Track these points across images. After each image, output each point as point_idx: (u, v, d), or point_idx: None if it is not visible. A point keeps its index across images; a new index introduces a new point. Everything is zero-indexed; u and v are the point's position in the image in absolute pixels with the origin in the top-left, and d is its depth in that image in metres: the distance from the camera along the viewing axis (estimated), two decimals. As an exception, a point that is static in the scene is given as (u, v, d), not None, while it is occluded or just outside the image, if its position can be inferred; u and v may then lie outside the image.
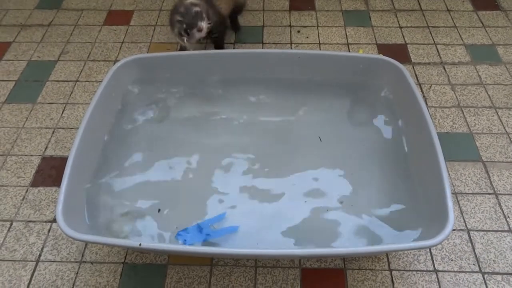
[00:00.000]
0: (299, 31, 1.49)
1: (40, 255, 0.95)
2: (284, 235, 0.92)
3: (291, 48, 1.42)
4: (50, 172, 1.10)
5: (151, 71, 1.13)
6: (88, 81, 1.33)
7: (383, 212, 0.94)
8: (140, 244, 0.75)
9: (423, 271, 0.92)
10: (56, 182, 1.08)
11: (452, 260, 0.94)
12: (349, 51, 1.40)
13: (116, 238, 0.89)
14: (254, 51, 1.25)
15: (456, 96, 1.27)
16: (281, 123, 1.13)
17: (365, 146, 1.06)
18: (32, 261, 0.95)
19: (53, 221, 1.01)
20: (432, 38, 1.46)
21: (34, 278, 0.92)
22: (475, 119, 1.20)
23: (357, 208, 0.96)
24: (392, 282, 0.90)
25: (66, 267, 0.93)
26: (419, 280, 0.91)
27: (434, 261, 0.93)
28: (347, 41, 1.45)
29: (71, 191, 0.85)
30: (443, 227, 0.76)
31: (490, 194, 1.04)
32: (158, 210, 0.96)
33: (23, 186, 1.07)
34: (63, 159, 1.11)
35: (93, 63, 1.39)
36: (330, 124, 1.12)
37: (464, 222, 1.00)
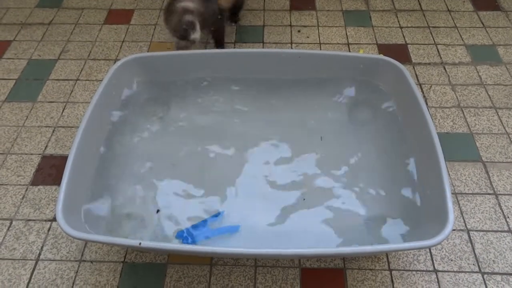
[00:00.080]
0: (299, 31, 1.49)
1: (40, 254, 0.95)
2: (284, 235, 0.92)
3: (291, 48, 1.42)
4: (50, 170, 1.10)
5: (152, 70, 1.13)
6: (88, 80, 1.33)
7: (383, 212, 0.95)
8: (140, 243, 0.75)
9: (423, 271, 0.92)
10: (56, 181, 1.08)
11: (451, 260, 0.94)
12: (349, 51, 1.40)
13: (116, 237, 0.89)
14: (254, 50, 1.25)
15: (457, 96, 1.27)
16: (281, 123, 1.13)
17: (365, 146, 1.07)
18: (31, 260, 0.94)
19: (53, 219, 1.01)
20: (433, 38, 1.46)
21: (33, 277, 0.92)
22: (475, 119, 1.20)
23: (357, 208, 0.96)
24: (392, 282, 0.91)
25: (66, 266, 0.93)
26: (419, 280, 0.91)
27: (434, 261, 0.93)
28: (348, 41, 1.45)
29: (71, 190, 0.85)
30: (443, 227, 0.76)
31: (490, 194, 1.04)
32: (157, 211, 0.96)
33: (23, 185, 1.07)
34: (63, 158, 1.12)
35: (93, 62, 1.39)
36: (331, 123, 1.12)
37: (464, 222, 1.00)
